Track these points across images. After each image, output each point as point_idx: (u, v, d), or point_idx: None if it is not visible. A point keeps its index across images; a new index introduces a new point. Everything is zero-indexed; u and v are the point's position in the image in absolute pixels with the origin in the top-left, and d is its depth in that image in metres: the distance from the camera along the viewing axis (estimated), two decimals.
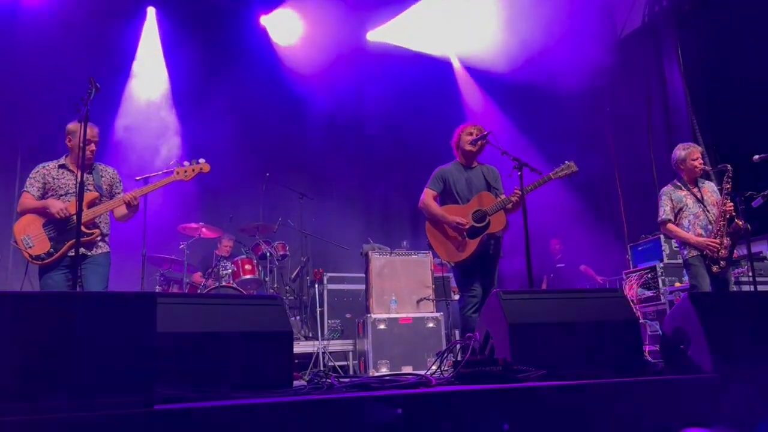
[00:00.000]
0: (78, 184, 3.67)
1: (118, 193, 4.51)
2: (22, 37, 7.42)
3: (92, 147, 4.35)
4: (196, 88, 8.46)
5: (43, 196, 4.28)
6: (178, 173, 4.44)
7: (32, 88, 7.37)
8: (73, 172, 4.33)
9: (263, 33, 9.14)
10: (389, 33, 9.44)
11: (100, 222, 4.37)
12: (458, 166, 4.92)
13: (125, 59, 8.28)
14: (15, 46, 7.38)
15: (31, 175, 4.34)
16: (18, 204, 4.30)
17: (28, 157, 7.17)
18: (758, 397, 2.83)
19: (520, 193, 4.40)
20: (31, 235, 4.13)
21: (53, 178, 4.31)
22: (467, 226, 4.64)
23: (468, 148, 4.83)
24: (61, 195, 4.28)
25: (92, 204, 4.27)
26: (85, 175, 4.04)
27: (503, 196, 4.70)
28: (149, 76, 8.37)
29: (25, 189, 4.29)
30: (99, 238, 4.35)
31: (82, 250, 4.14)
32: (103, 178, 4.46)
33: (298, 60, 9.07)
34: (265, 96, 8.90)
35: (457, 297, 5.82)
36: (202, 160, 4.55)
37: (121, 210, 4.40)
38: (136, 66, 8.35)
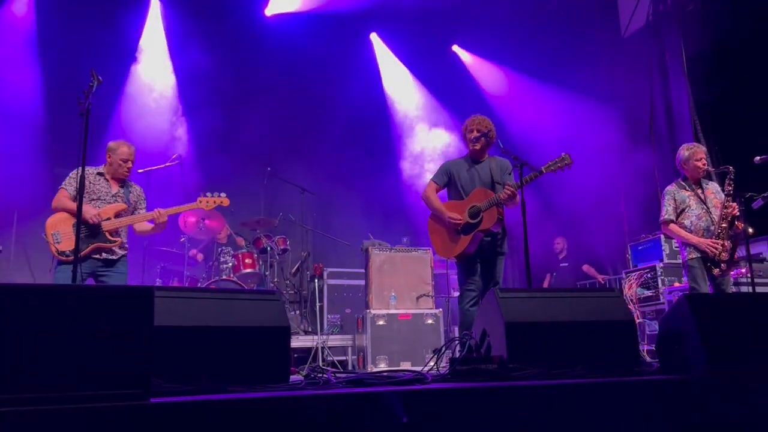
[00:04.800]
0: (79, 176, 3.86)
1: (141, 210, 4.92)
2: (27, 28, 7.43)
3: (129, 165, 4.80)
4: (199, 81, 8.46)
5: (76, 197, 4.60)
6: (200, 202, 4.95)
7: (32, 83, 7.39)
8: (108, 181, 4.78)
9: (268, 24, 9.12)
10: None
11: (121, 232, 4.75)
12: (466, 160, 4.92)
13: (129, 50, 8.28)
14: (17, 39, 7.38)
15: (71, 175, 4.67)
16: (54, 199, 4.61)
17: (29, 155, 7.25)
18: (753, 399, 2.84)
19: (509, 190, 4.40)
20: (60, 232, 4.46)
21: (90, 183, 4.67)
22: (462, 222, 4.64)
23: (468, 137, 4.88)
24: (93, 199, 4.65)
25: (119, 215, 4.66)
26: (118, 188, 4.79)
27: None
28: (153, 67, 8.36)
29: (63, 186, 4.65)
30: (119, 246, 4.72)
31: (103, 255, 4.58)
32: (131, 194, 4.87)
33: (303, 56, 9.08)
34: (266, 90, 8.90)
35: (456, 294, 5.83)
36: (223, 194, 5.04)
37: (143, 226, 4.82)
38: (140, 56, 8.34)
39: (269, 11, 9.07)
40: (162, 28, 8.50)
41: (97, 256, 4.54)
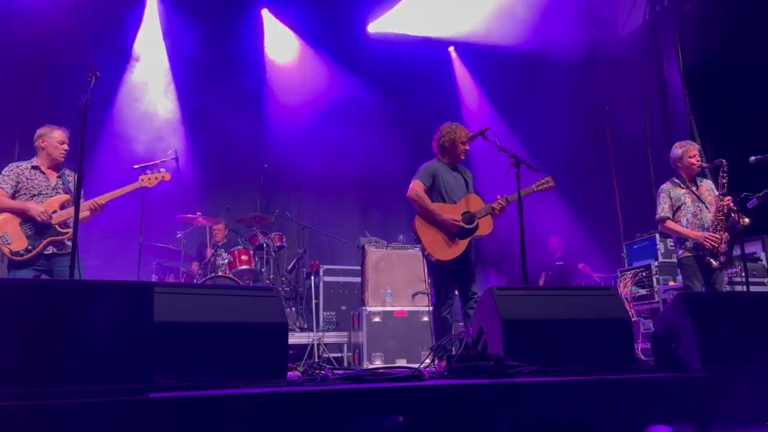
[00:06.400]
0: (78, 172, 3.77)
1: (81, 198, 4.74)
2: (21, 24, 7.39)
3: (65, 147, 4.68)
4: (195, 78, 8.45)
5: (14, 195, 4.50)
6: (142, 180, 4.78)
7: (30, 77, 7.36)
8: (45, 173, 4.62)
9: (263, 21, 9.12)
10: (388, 22, 9.39)
11: (70, 222, 4.58)
12: (444, 166, 4.93)
13: (125, 47, 8.26)
14: (12, 33, 7.35)
15: (4, 173, 4.54)
16: None
17: (26, 149, 7.22)
18: (747, 397, 2.87)
19: (502, 205, 4.67)
20: (8, 233, 4.37)
21: (27, 179, 4.56)
22: (460, 227, 4.68)
23: (462, 148, 4.87)
24: (34, 195, 4.53)
25: (64, 206, 4.54)
26: (56, 179, 4.64)
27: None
28: (149, 65, 8.34)
29: None
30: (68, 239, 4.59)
31: (54, 249, 4.48)
32: (70, 183, 4.71)
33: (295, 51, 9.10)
34: (263, 87, 8.90)
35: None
36: (163, 170, 4.91)
37: (85, 213, 4.63)
38: (136, 54, 8.32)
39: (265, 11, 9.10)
40: (158, 22, 8.46)
41: (49, 251, 4.46)
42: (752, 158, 5.01)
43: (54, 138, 4.63)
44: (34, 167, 4.62)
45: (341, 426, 2.40)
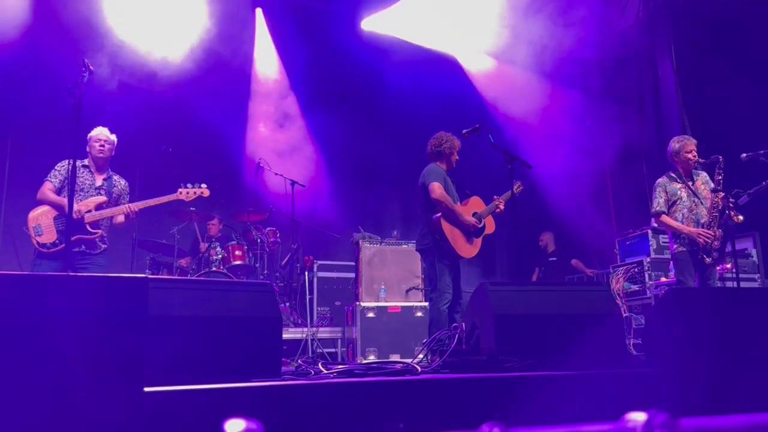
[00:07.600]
0: (71, 167, 3.85)
1: (123, 203, 4.93)
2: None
3: (99, 144, 4.81)
4: (188, 72, 8.40)
5: (60, 189, 4.67)
6: (180, 193, 4.99)
7: (23, 74, 7.32)
8: (92, 173, 4.82)
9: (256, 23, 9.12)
10: (384, 20, 9.34)
11: (102, 224, 4.80)
12: (443, 169, 5.14)
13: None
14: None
15: (56, 167, 4.74)
16: (39, 192, 4.65)
17: (19, 146, 7.21)
18: (739, 390, 2.90)
19: (503, 204, 5.06)
20: (41, 225, 4.53)
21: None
22: (478, 226, 4.97)
23: (456, 157, 5.17)
24: (76, 191, 4.64)
25: (99, 207, 4.70)
26: (102, 180, 4.82)
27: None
28: (143, 54, 8.25)
29: (48, 179, 4.68)
30: (99, 239, 4.76)
31: (84, 247, 4.63)
32: (115, 188, 4.90)
33: (288, 47, 9.08)
34: (256, 82, 8.88)
35: None
36: (204, 185, 5.11)
37: (120, 218, 4.85)
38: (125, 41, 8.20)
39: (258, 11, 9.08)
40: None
41: (77, 248, 4.57)
42: (743, 155, 5.04)
43: (91, 138, 4.81)
44: (84, 166, 4.80)
45: (335, 420, 2.42)
